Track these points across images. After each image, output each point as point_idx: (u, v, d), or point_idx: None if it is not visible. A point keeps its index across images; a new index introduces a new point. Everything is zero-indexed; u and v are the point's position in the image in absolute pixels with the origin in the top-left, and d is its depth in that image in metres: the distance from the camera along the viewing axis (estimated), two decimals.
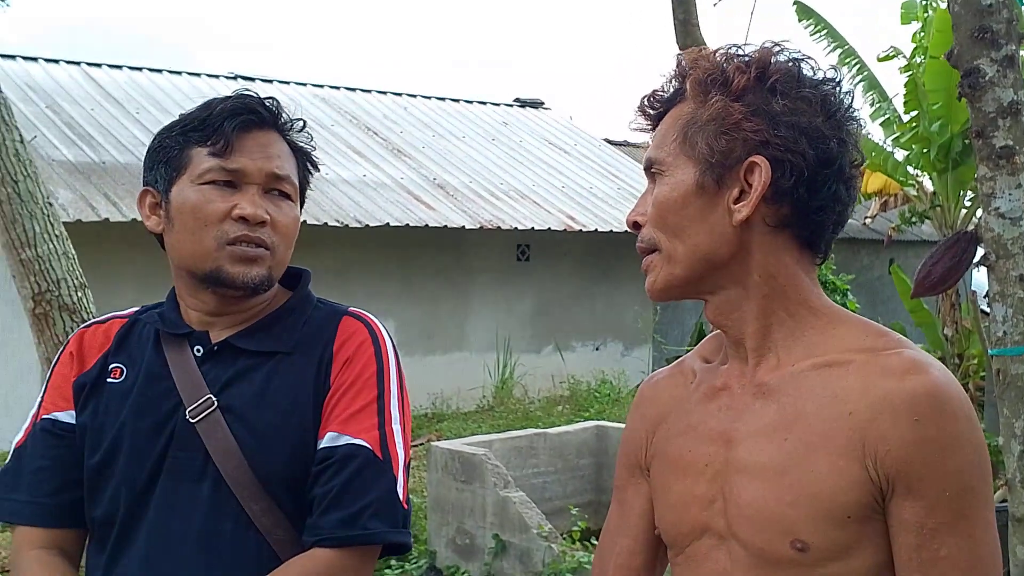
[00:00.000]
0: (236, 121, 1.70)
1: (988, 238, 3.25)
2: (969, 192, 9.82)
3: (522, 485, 6.30)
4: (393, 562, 6.04)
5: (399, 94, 15.72)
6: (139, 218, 1.82)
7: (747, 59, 1.37)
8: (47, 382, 1.82)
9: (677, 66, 1.42)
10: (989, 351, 3.35)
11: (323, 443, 1.67)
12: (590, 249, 13.67)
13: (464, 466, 6.11)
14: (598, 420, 8.37)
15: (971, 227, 3.37)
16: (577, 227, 12.73)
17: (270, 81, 14.42)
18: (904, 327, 9.48)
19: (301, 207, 1.82)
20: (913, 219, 10.74)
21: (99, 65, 13.27)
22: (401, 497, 1.67)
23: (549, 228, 12.50)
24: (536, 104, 17.26)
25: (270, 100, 1.77)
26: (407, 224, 11.38)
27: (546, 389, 12.92)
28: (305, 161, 1.83)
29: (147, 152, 1.79)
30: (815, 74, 1.39)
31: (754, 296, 1.38)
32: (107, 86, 12.62)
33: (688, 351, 1.63)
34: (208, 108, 1.73)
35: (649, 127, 1.46)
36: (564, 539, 5.87)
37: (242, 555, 1.65)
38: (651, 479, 1.51)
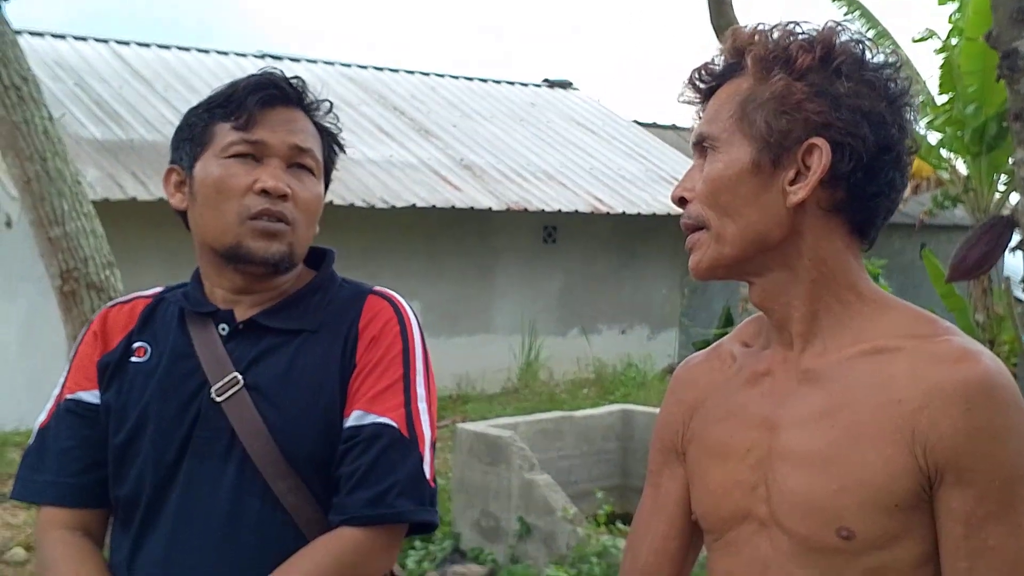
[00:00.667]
0: (259, 95, 1.70)
1: None
2: (1003, 176, 9.71)
3: (547, 468, 6.28)
4: (418, 543, 6.04)
5: (427, 74, 15.70)
6: (166, 197, 1.81)
7: (811, 38, 1.34)
8: (71, 362, 1.81)
9: (733, 40, 1.39)
10: (1023, 336, 3.29)
11: (349, 422, 1.66)
12: (617, 231, 13.62)
13: (489, 448, 6.10)
14: (624, 404, 8.34)
15: (1006, 211, 3.31)
16: (604, 209, 12.69)
17: (297, 60, 14.44)
18: (936, 312, 9.38)
19: (326, 188, 1.81)
20: (946, 203, 10.64)
21: (127, 43, 13.31)
22: (428, 476, 1.67)
23: (576, 210, 12.47)
24: (565, 84, 17.20)
25: (295, 79, 1.76)
26: (434, 205, 11.38)
27: (571, 372, 12.91)
28: (331, 142, 1.82)
29: (175, 132, 1.80)
30: (875, 57, 1.36)
31: (803, 280, 1.35)
32: (135, 64, 12.65)
33: (716, 335, 1.60)
34: (233, 86, 1.74)
35: (698, 100, 1.43)
36: (589, 522, 5.86)
37: (268, 534, 1.65)
38: (688, 464, 1.50)
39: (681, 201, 1.41)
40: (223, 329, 1.73)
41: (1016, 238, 3.36)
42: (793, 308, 1.37)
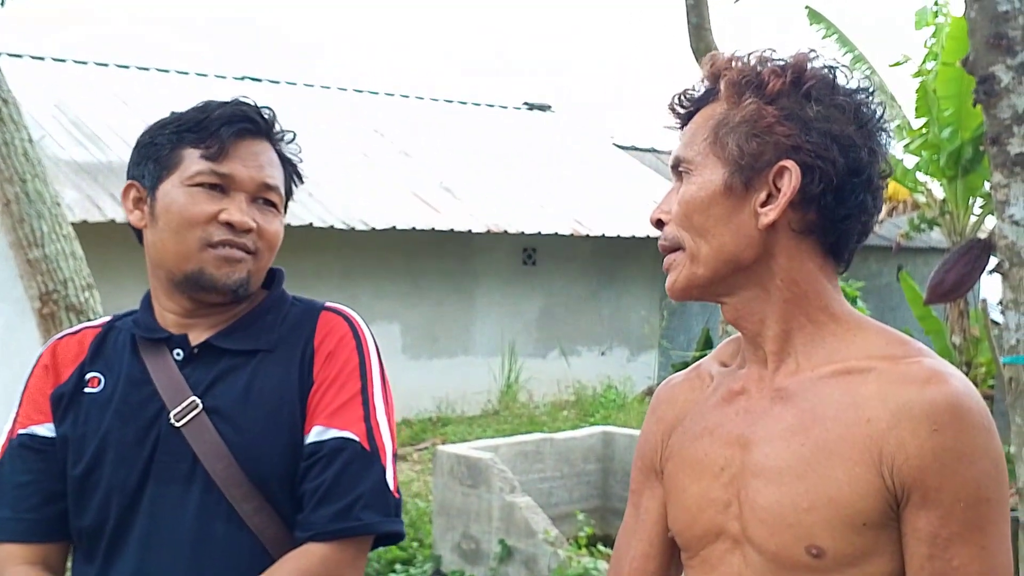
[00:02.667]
0: (233, 128, 1.71)
1: (1002, 245, 3.22)
2: (979, 199, 9.81)
3: (528, 490, 6.28)
4: (398, 566, 6.02)
5: (407, 96, 15.73)
6: (124, 211, 1.80)
7: (782, 63, 1.37)
8: (21, 396, 1.79)
9: (711, 66, 1.41)
10: (1002, 359, 3.32)
11: (310, 438, 1.67)
12: (597, 253, 13.65)
13: (470, 470, 6.09)
14: (604, 426, 8.34)
15: (983, 234, 3.34)
16: (584, 231, 12.72)
17: (277, 82, 14.43)
18: (912, 334, 9.45)
19: (284, 213, 1.83)
20: (922, 226, 10.72)
21: (106, 64, 13.30)
22: (392, 487, 1.68)
23: (556, 232, 12.49)
24: (544, 108, 17.27)
25: (266, 109, 1.77)
26: (414, 227, 11.38)
27: (551, 394, 12.91)
28: (292, 172, 1.83)
29: (136, 146, 1.80)
30: (848, 83, 1.38)
31: (775, 300, 1.38)
32: (114, 86, 12.63)
33: (695, 357, 1.61)
34: (204, 111, 1.74)
35: (678, 126, 1.46)
36: (570, 545, 5.85)
37: (235, 555, 1.65)
38: (665, 481, 1.51)
39: (659, 223, 1.43)
40: (178, 354, 1.73)
41: (993, 261, 3.39)
42: (766, 327, 1.39)
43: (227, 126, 1.70)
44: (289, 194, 1.83)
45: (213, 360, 1.72)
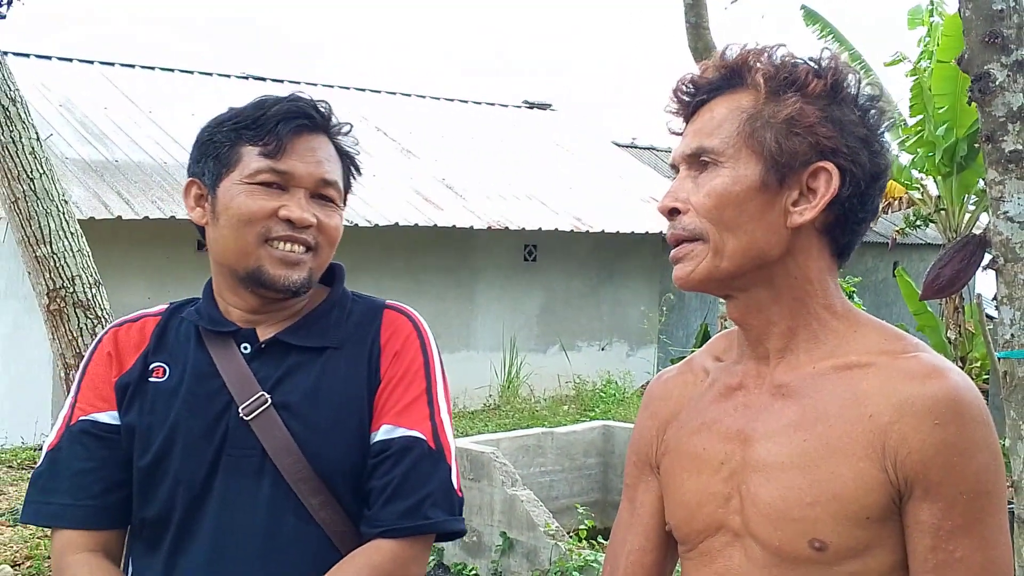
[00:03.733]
0: (291, 125, 1.70)
1: (997, 241, 3.27)
2: (973, 196, 9.85)
3: (529, 483, 6.32)
4: None
5: (408, 95, 15.76)
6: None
7: (820, 64, 1.38)
8: (79, 382, 1.78)
9: (732, 56, 1.40)
10: (997, 354, 3.37)
11: (379, 435, 1.69)
12: (596, 250, 13.69)
13: (472, 464, 6.15)
14: (604, 420, 8.39)
15: (978, 231, 3.40)
16: (584, 228, 12.75)
17: (280, 81, 14.45)
18: (908, 330, 9.49)
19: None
20: (917, 222, 10.77)
21: (112, 64, 13.33)
22: (455, 485, 1.71)
23: (556, 228, 12.52)
24: (544, 106, 17.29)
25: (323, 104, 1.76)
26: (416, 224, 11.41)
27: (552, 389, 12.95)
28: (350, 164, 1.82)
29: (196, 143, 1.79)
30: (864, 90, 1.40)
31: (785, 298, 1.38)
32: (120, 85, 12.66)
33: (694, 351, 1.64)
34: (262, 108, 1.73)
35: (681, 112, 1.44)
36: (571, 538, 5.89)
37: (304, 549, 1.67)
38: (662, 476, 1.51)
39: (672, 212, 1.40)
40: (245, 348, 1.73)
41: (988, 257, 3.43)
42: (772, 324, 1.40)
43: (284, 123, 1.70)
44: (348, 188, 1.82)
45: (281, 356, 1.73)
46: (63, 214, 4.82)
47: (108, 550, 1.73)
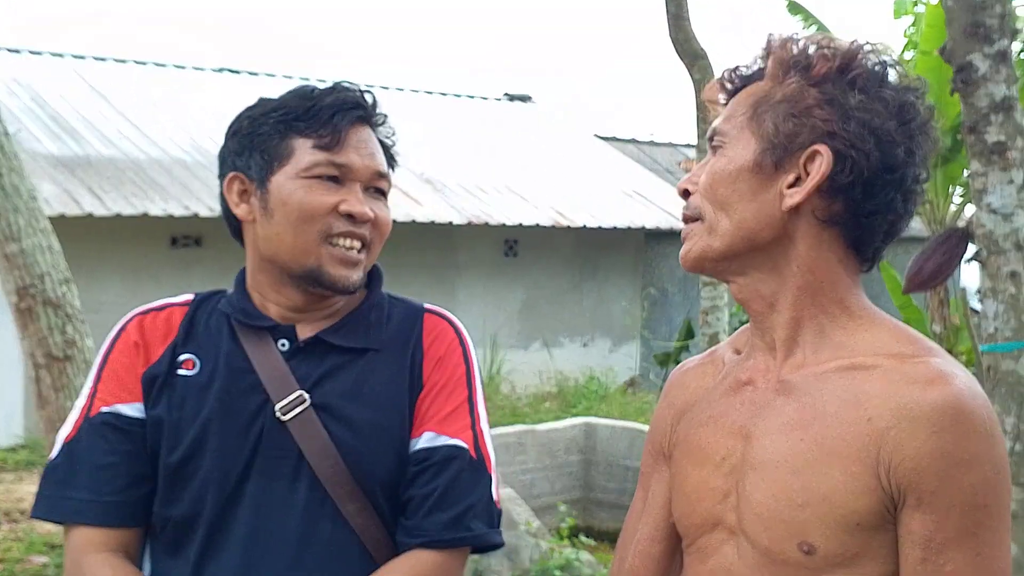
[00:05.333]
0: (348, 116, 1.66)
1: (980, 234, 3.23)
2: (958, 188, 9.84)
3: (510, 482, 6.28)
4: None
5: (386, 87, 15.69)
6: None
7: (834, 49, 1.35)
8: (99, 371, 1.69)
9: (766, 45, 1.40)
10: (980, 347, 3.33)
11: (421, 443, 1.64)
12: (579, 245, 13.66)
13: None
14: (586, 417, 8.35)
15: (961, 223, 3.36)
16: (565, 223, 12.73)
17: (256, 74, 14.37)
18: None
19: None
20: None
21: (83, 57, 13.22)
22: (495, 497, 1.67)
23: (537, 224, 12.49)
24: (525, 99, 17.26)
25: (368, 93, 1.72)
26: (395, 219, 11.30)
27: (533, 385, 12.92)
28: (390, 157, 1.78)
29: (233, 135, 1.71)
30: (901, 80, 1.36)
31: (789, 286, 1.36)
32: (92, 79, 12.56)
33: (676, 347, 1.61)
34: (311, 99, 1.67)
35: (724, 102, 1.44)
36: (552, 536, 5.86)
37: (340, 556, 1.62)
38: (671, 467, 1.50)
39: (685, 193, 1.43)
40: (283, 345, 1.67)
41: (972, 250, 3.40)
42: (776, 311, 1.37)
43: (340, 114, 1.65)
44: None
45: (320, 355, 1.67)
46: (32, 211, 4.74)
47: (128, 549, 1.64)
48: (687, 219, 1.41)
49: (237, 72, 14.25)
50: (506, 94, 17.24)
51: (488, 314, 12.95)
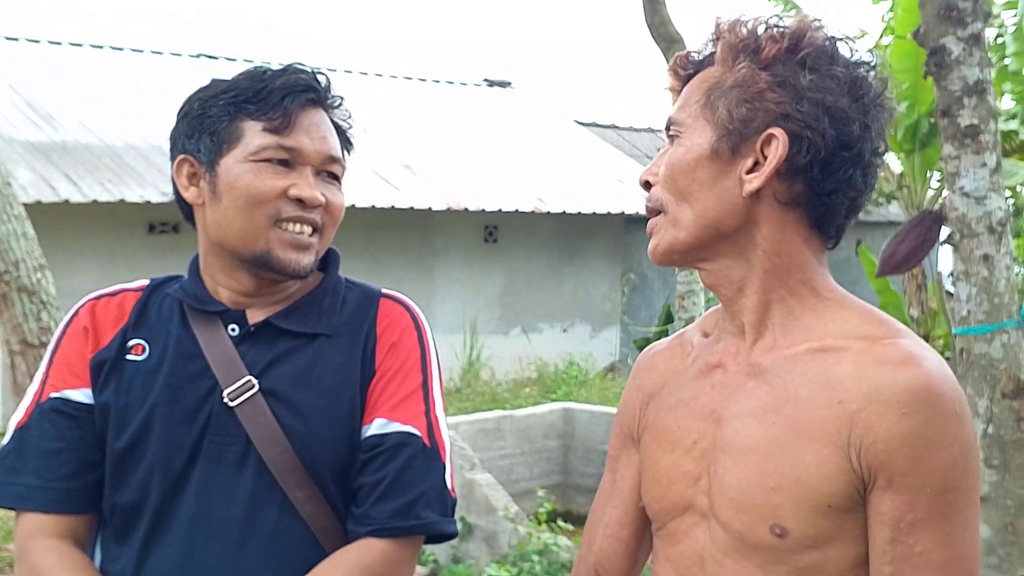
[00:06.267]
0: (298, 99, 1.63)
1: (953, 217, 3.24)
2: (936, 173, 9.87)
3: (488, 467, 6.28)
4: None
5: (365, 73, 15.63)
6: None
7: (782, 29, 1.34)
8: (51, 357, 1.68)
9: (715, 29, 1.39)
10: (953, 330, 3.35)
11: (372, 429, 1.62)
12: (558, 231, 13.65)
13: None
14: (565, 402, 8.36)
15: (936, 207, 3.37)
16: (545, 208, 12.72)
17: (233, 60, 14.28)
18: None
19: None
20: (880, 200, 10.79)
21: (59, 43, 13.11)
22: (449, 485, 1.64)
23: (517, 209, 12.47)
24: (504, 84, 17.21)
25: (321, 75, 1.70)
26: (373, 205, 11.33)
27: (513, 371, 12.93)
28: (344, 140, 1.76)
29: (184, 116, 1.68)
30: (851, 55, 1.36)
31: (757, 270, 1.36)
32: (68, 65, 12.46)
33: (656, 332, 1.60)
34: (261, 80, 1.64)
35: (678, 89, 1.43)
36: (530, 521, 5.86)
37: (286, 543, 1.59)
38: (641, 450, 1.50)
39: (647, 185, 1.42)
40: (233, 330, 1.65)
41: (945, 232, 3.41)
42: (744, 295, 1.37)
43: (291, 96, 1.62)
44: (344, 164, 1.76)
45: (271, 340, 1.65)
46: (6, 197, 4.73)
47: (77, 536, 1.63)
48: (650, 211, 1.41)
49: (215, 58, 14.17)
50: (486, 80, 17.19)
51: (468, 300, 12.94)
